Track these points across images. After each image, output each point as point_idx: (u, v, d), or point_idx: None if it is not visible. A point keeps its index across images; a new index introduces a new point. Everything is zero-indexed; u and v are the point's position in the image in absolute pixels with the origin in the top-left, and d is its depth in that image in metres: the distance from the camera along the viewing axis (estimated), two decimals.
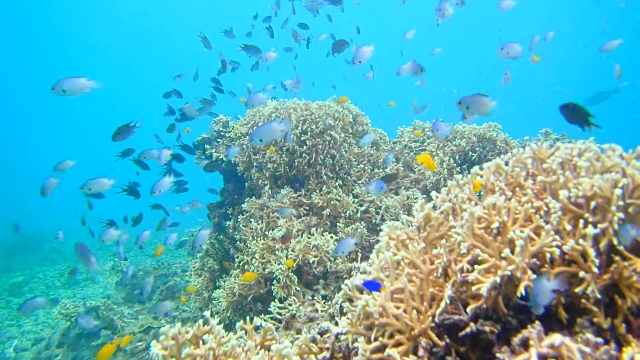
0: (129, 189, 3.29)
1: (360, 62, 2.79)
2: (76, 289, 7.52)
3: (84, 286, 7.60)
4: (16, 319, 6.11)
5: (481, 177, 1.42)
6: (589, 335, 1.01)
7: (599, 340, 1.00)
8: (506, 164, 1.45)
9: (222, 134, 3.79)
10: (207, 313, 1.39)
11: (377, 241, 1.48)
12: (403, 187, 3.51)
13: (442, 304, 1.16)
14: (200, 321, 1.36)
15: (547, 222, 1.23)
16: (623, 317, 1.09)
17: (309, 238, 2.90)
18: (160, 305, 3.00)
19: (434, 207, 1.42)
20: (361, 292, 1.29)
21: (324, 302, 2.62)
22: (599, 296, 1.07)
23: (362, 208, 3.19)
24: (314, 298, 2.74)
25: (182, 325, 1.35)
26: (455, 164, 3.44)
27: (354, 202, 3.19)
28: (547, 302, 1.08)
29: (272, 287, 2.80)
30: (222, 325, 2.99)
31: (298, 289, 2.79)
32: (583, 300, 1.13)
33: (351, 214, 3.14)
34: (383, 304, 1.17)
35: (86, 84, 2.31)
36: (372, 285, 1.14)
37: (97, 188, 2.94)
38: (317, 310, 2.54)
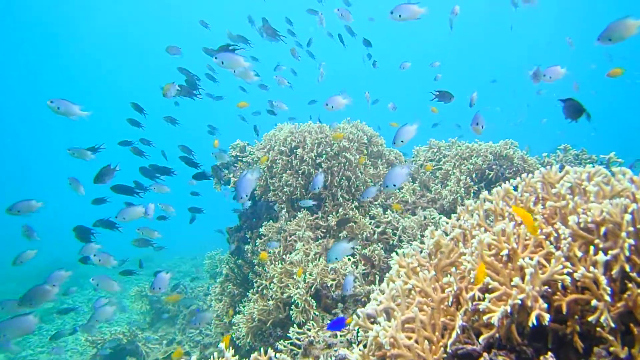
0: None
1: (332, 107, 2.97)
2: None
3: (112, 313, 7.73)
4: (47, 345, 6.23)
5: (490, 202, 1.42)
6: None
7: None
8: (515, 188, 1.45)
9: (239, 158, 3.87)
10: (222, 345, 1.42)
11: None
12: (420, 207, 3.50)
13: (454, 334, 1.16)
14: (215, 354, 1.38)
15: (557, 248, 1.22)
16: None
17: (327, 261, 2.91)
18: (201, 316, 3.01)
19: (445, 234, 1.43)
20: (373, 321, 1.30)
21: (356, 340, 2.61)
22: (612, 325, 1.06)
23: (379, 229, 3.19)
24: None
25: (204, 349, 1.37)
26: (472, 183, 3.42)
27: (370, 223, 3.19)
28: None
29: (291, 311, 2.81)
30: (242, 350, 3.00)
31: (317, 313, 2.79)
32: (598, 329, 1.11)
33: (368, 235, 3.14)
34: (394, 335, 1.18)
35: (78, 112, 2.53)
36: (337, 325, 1.18)
37: (131, 217, 3.05)
38: (335, 336, 2.54)
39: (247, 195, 2.15)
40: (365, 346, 1.26)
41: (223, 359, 1.41)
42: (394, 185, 2.25)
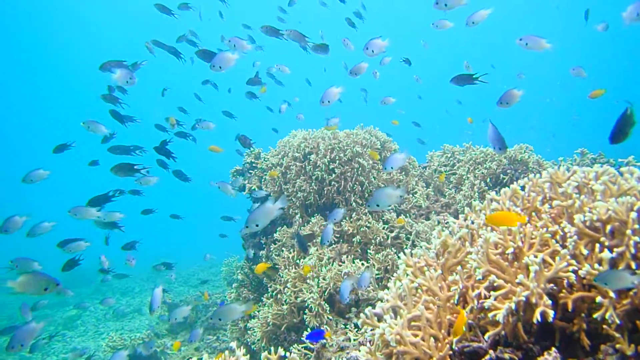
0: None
1: (328, 101, 2.97)
2: (124, 321, 7.78)
3: (132, 318, 7.85)
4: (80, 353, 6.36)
5: (497, 202, 1.43)
6: None
7: None
8: (522, 188, 1.45)
9: (254, 165, 3.93)
10: (233, 344, 1.45)
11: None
12: (434, 212, 3.49)
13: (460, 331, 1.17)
14: (227, 352, 1.42)
15: (564, 247, 1.23)
16: None
17: (340, 266, 2.93)
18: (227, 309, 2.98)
19: (452, 234, 1.44)
20: (380, 319, 1.32)
21: (357, 331, 2.62)
22: (617, 321, 1.06)
23: (393, 234, 3.19)
24: (347, 327, 2.74)
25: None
26: (486, 187, 3.40)
27: (384, 228, 3.20)
28: None
29: (305, 316, 2.83)
30: (258, 355, 3.02)
31: (330, 317, 2.80)
32: (604, 327, 1.11)
33: (381, 240, 3.15)
34: (400, 332, 1.19)
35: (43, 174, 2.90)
36: (315, 336, 1.22)
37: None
38: (349, 340, 2.55)
39: (257, 226, 2.09)
40: (372, 344, 1.28)
41: (234, 357, 1.44)
42: (377, 206, 2.20)
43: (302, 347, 2.67)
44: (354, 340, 2.53)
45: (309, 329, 2.77)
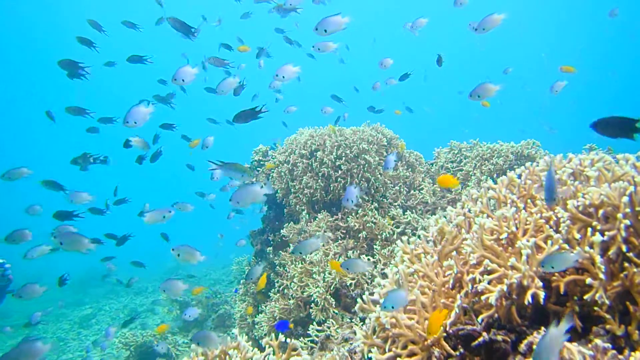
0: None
1: (284, 77, 2.88)
2: (136, 322, 7.90)
3: (145, 317, 7.97)
4: (85, 350, 6.47)
5: (494, 190, 1.45)
6: (598, 341, 1.02)
7: (607, 345, 1.00)
8: (519, 177, 1.47)
9: (261, 163, 3.98)
10: (235, 331, 1.49)
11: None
12: (440, 208, 3.50)
13: (453, 314, 1.20)
14: (228, 338, 1.46)
15: (557, 232, 1.24)
16: (637, 323, 1.08)
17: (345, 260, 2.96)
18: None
19: (449, 221, 1.46)
20: (375, 304, 1.35)
21: (362, 325, 2.65)
22: (607, 302, 1.08)
23: (399, 230, 3.21)
24: (352, 321, 2.77)
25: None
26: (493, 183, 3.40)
27: (390, 224, 3.22)
28: None
29: (311, 310, 2.86)
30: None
31: (336, 312, 2.83)
32: (596, 308, 1.13)
33: (387, 235, 3.17)
34: (395, 315, 1.22)
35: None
36: (282, 326, 1.27)
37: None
38: (354, 333, 2.57)
39: (238, 203, 2.11)
40: (367, 328, 1.31)
41: (236, 343, 1.48)
42: (300, 253, 2.40)
43: (308, 341, 2.71)
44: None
45: (315, 323, 2.81)
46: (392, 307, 1.51)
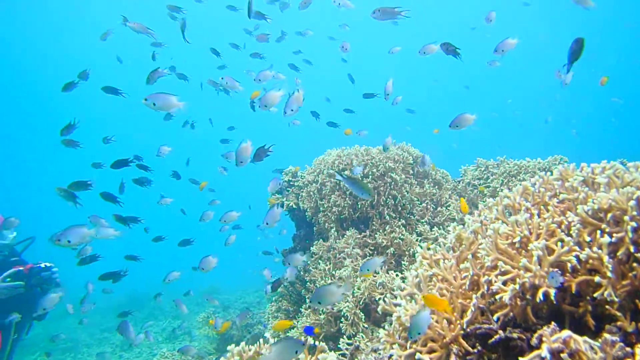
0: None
1: (265, 106, 2.73)
2: (175, 342, 8.11)
3: (182, 340, 8.18)
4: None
5: (509, 198, 1.53)
6: (607, 335, 1.07)
7: (615, 338, 1.06)
8: (533, 185, 1.55)
9: (291, 183, 4.13)
10: (267, 334, 1.60)
11: None
12: None
13: (469, 313, 1.27)
14: (261, 340, 1.57)
15: (569, 236, 1.31)
16: None
17: (375, 276, 3.03)
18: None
19: (466, 228, 1.55)
20: (396, 305, 1.43)
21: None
22: (616, 299, 1.13)
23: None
24: None
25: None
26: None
27: (417, 240, 3.28)
28: None
29: (341, 324, 2.93)
30: None
31: (366, 326, 2.89)
32: (607, 307, 1.18)
33: (415, 252, 3.23)
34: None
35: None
36: (309, 331, 1.36)
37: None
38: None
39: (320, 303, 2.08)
40: (389, 327, 1.40)
41: (268, 344, 1.59)
42: (319, 303, 2.15)
43: (338, 355, 2.77)
44: None
45: (345, 337, 2.88)
46: (419, 334, 1.38)
